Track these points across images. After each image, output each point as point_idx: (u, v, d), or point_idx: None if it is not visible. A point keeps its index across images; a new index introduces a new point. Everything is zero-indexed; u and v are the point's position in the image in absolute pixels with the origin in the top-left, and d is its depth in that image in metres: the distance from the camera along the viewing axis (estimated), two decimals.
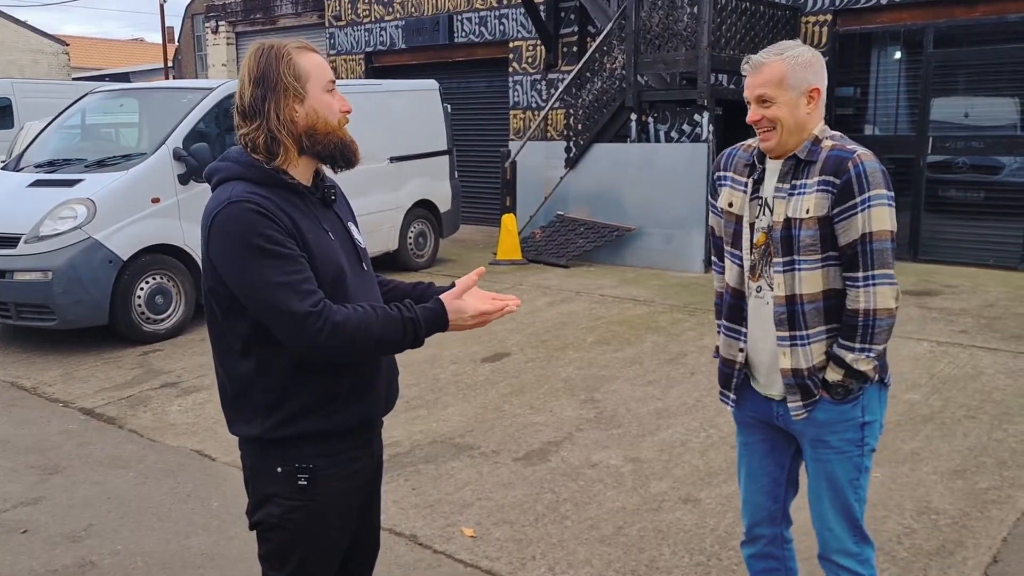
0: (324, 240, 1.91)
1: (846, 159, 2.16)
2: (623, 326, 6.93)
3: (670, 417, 4.88)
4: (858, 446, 2.32)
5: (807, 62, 2.21)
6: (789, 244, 2.23)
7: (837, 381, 2.25)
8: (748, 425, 2.52)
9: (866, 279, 2.17)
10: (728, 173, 2.42)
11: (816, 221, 2.18)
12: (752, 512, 2.56)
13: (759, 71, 2.22)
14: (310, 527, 1.96)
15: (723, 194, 2.43)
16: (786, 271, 2.25)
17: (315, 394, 1.91)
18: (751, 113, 2.26)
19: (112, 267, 6.50)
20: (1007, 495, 3.81)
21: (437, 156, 10.15)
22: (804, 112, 2.21)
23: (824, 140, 2.24)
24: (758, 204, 2.33)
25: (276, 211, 1.81)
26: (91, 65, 36.54)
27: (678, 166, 9.40)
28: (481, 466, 4.29)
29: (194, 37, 23.11)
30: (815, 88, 2.22)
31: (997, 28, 9.17)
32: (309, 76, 1.89)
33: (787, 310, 2.26)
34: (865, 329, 2.19)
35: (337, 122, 1.93)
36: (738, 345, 2.42)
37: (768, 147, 2.26)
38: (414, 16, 14.55)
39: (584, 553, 3.41)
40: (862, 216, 2.14)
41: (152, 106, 7.95)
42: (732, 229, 2.39)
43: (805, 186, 2.21)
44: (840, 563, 2.36)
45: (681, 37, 9.39)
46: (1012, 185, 9.18)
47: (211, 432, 4.85)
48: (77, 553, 3.53)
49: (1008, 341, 6.17)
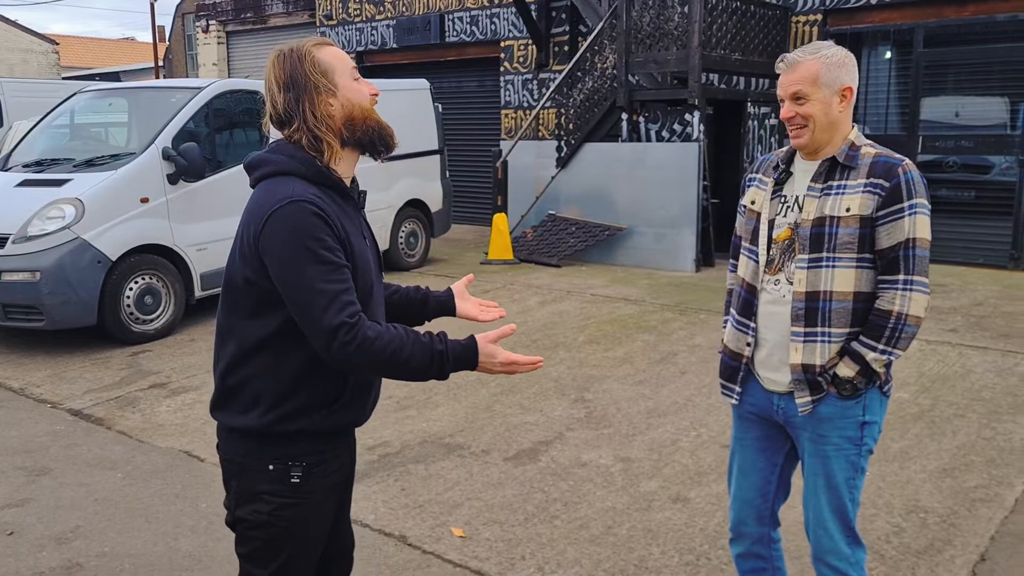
0: (363, 245, 1.93)
1: (896, 165, 2.21)
2: (614, 325, 6.93)
3: (660, 416, 4.88)
4: (857, 445, 2.33)
5: (841, 61, 2.25)
6: (820, 241, 2.25)
7: (848, 377, 2.26)
8: (746, 420, 2.52)
9: (906, 283, 2.21)
10: (757, 175, 2.49)
11: (858, 220, 2.21)
12: (739, 508, 2.56)
13: (794, 69, 2.27)
14: (297, 526, 1.95)
15: (749, 193, 2.49)
16: (811, 267, 2.27)
17: (321, 393, 1.90)
18: (784, 110, 2.30)
19: (101, 267, 6.46)
20: (995, 493, 3.82)
21: (428, 155, 10.13)
22: (837, 110, 2.26)
23: (864, 147, 2.28)
24: (780, 201, 2.37)
25: (331, 214, 1.81)
26: (81, 64, 36.39)
27: (669, 165, 9.41)
28: (471, 466, 4.28)
29: (184, 36, 23.04)
30: (848, 87, 2.26)
31: (986, 28, 9.21)
32: (334, 68, 1.90)
33: (806, 306, 2.27)
34: (893, 332, 2.22)
35: (371, 104, 1.95)
36: (746, 339, 2.42)
37: (800, 144, 2.30)
38: (405, 15, 14.52)
39: (574, 553, 3.41)
40: (908, 220, 2.19)
41: (141, 105, 7.91)
42: (752, 226, 2.43)
43: (845, 187, 2.24)
44: (833, 564, 2.36)
45: (672, 37, 9.39)
46: (1001, 184, 9.23)
47: (200, 433, 4.83)
48: (64, 555, 3.50)
49: (997, 340, 6.19)
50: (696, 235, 9.28)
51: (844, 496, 2.33)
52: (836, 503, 2.34)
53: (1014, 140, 9.07)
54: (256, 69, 17.52)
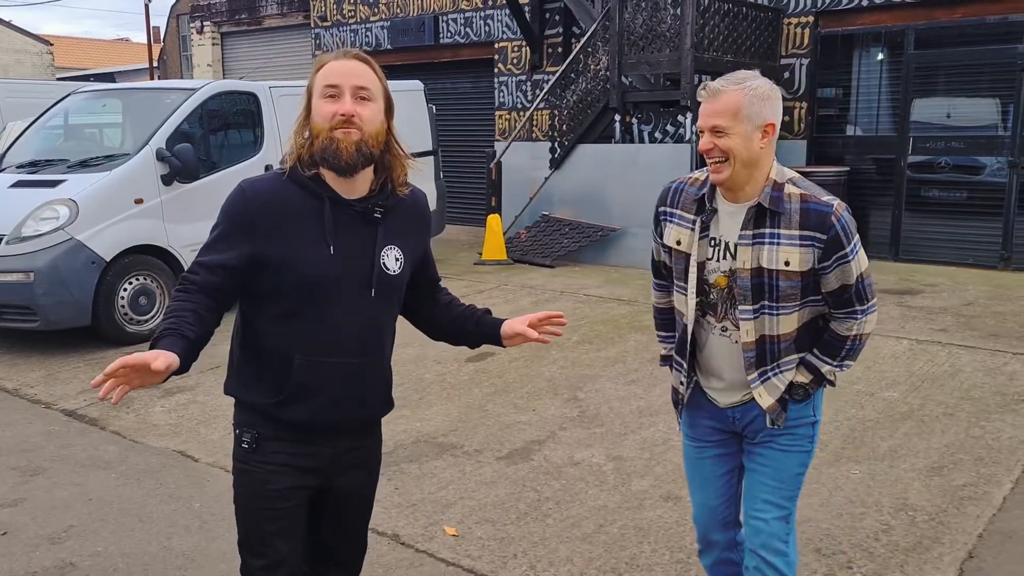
0: (310, 249, 1.97)
1: (827, 214, 2.15)
2: (607, 325, 6.96)
3: (652, 415, 4.91)
4: (809, 441, 2.40)
5: (764, 95, 2.17)
6: (760, 291, 2.23)
7: (802, 383, 2.32)
8: (701, 434, 2.52)
9: (863, 312, 2.26)
10: (674, 210, 2.38)
11: (799, 275, 2.20)
12: (706, 518, 2.57)
13: (716, 99, 2.18)
14: (244, 491, 2.08)
15: (669, 231, 2.39)
16: (756, 317, 2.26)
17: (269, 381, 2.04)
18: (703, 142, 2.21)
19: (95, 268, 6.47)
20: (983, 491, 3.86)
21: (422, 156, 10.13)
22: (757, 146, 2.17)
23: (787, 185, 2.21)
24: (709, 244, 2.31)
25: (267, 200, 1.98)
26: (76, 65, 36.27)
27: (662, 166, 9.42)
28: (464, 465, 4.31)
29: (179, 37, 22.99)
30: (770, 123, 2.18)
31: (977, 30, 9.26)
32: (314, 88, 1.99)
33: (756, 352, 2.29)
34: (850, 350, 2.30)
35: (328, 127, 1.95)
36: (680, 378, 2.48)
37: (719, 179, 2.22)
38: (399, 16, 14.54)
39: (565, 551, 3.43)
40: (854, 263, 2.21)
41: (135, 106, 7.92)
42: (682, 266, 2.37)
43: (779, 237, 2.19)
44: (769, 560, 2.36)
45: (664, 38, 9.43)
46: (991, 185, 9.27)
47: (194, 433, 4.85)
48: (58, 555, 3.52)
49: (986, 339, 6.24)
50: None
51: (791, 491, 2.39)
52: (781, 496, 2.37)
53: (1004, 141, 9.13)
54: (251, 70, 17.52)
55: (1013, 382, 5.29)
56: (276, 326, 2.01)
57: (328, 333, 2.00)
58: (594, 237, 9.80)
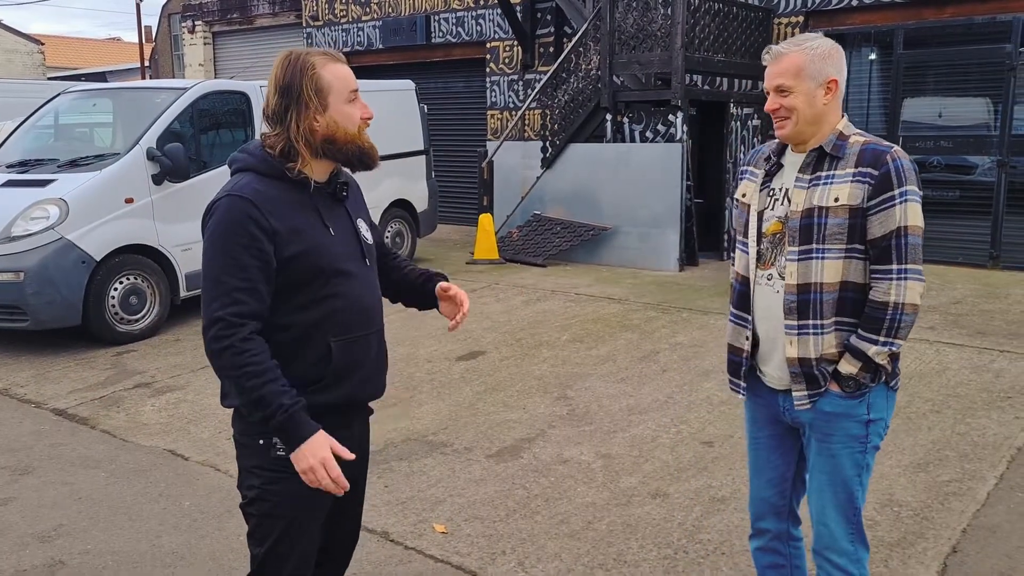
0: (320, 235, 2.03)
1: (884, 152, 2.18)
2: (597, 324, 6.99)
3: (641, 413, 4.93)
4: (862, 442, 2.30)
5: (826, 53, 2.24)
6: (809, 232, 2.23)
7: (851, 374, 2.24)
8: (756, 419, 2.53)
9: (899, 272, 2.18)
10: (749, 167, 2.49)
11: (847, 210, 2.19)
12: (757, 505, 2.57)
13: (778, 61, 2.26)
14: (285, 501, 2.02)
15: (740, 186, 2.50)
16: (801, 259, 2.25)
17: (301, 373, 2.00)
18: (769, 101, 2.30)
19: (85, 267, 6.47)
20: (968, 487, 3.89)
21: (414, 156, 10.16)
22: (821, 103, 2.24)
23: (852, 136, 2.26)
24: (768, 194, 2.37)
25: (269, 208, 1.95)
26: (67, 64, 36.16)
27: (653, 166, 9.47)
28: (454, 463, 4.33)
29: (171, 37, 22.95)
30: (833, 79, 2.25)
31: (966, 29, 9.32)
32: (331, 89, 2.01)
33: (798, 299, 2.25)
34: (892, 322, 2.18)
35: (357, 129, 2.06)
36: (744, 333, 2.42)
37: (783, 135, 2.30)
38: (391, 16, 14.55)
39: (554, 547, 3.45)
40: (900, 209, 2.16)
41: (125, 106, 7.91)
42: (744, 219, 2.43)
43: (833, 177, 2.22)
44: (833, 560, 2.35)
45: (655, 38, 9.46)
46: (981, 184, 9.33)
47: (184, 432, 4.85)
48: (47, 553, 3.52)
49: (973, 337, 6.28)
50: (680, 235, 9.35)
51: (849, 493, 2.32)
52: (840, 500, 2.33)
53: (993, 141, 9.19)
54: (242, 70, 17.50)
55: (999, 379, 5.33)
56: (304, 314, 2.01)
57: (354, 310, 2.08)
58: (585, 236, 9.82)
